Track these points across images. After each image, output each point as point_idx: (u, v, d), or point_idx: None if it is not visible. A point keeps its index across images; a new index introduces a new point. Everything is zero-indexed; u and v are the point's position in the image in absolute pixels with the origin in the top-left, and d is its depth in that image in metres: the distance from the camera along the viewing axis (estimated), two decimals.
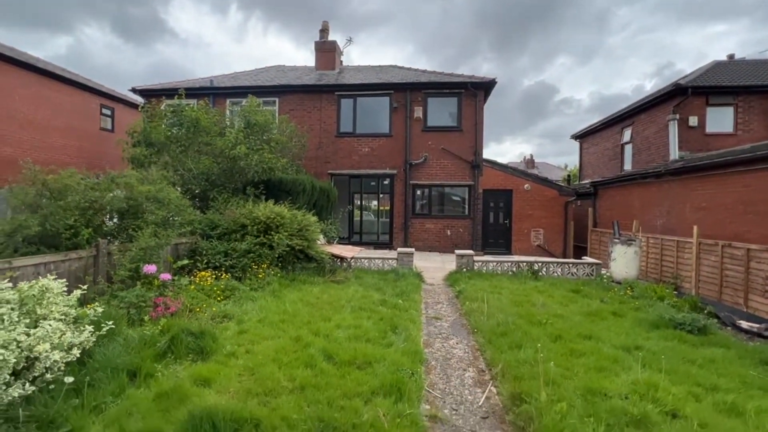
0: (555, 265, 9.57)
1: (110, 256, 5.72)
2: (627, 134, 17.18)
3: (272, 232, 8.22)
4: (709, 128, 13.33)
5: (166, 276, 5.60)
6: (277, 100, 15.47)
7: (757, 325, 5.92)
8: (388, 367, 3.86)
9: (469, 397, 3.66)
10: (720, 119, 13.42)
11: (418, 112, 14.65)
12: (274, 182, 9.72)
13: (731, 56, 16.46)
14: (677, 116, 12.06)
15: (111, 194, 5.78)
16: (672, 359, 4.21)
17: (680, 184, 9.86)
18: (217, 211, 8.79)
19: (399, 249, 9.93)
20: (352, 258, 9.74)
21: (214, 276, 6.94)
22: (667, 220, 10.24)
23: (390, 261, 9.81)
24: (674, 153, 11.58)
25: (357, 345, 4.44)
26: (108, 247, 5.65)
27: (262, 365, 3.82)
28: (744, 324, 6.04)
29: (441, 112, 14.85)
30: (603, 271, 9.58)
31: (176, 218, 6.80)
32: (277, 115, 14.67)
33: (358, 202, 15.22)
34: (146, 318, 4.72)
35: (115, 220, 6.16)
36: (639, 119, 16.10)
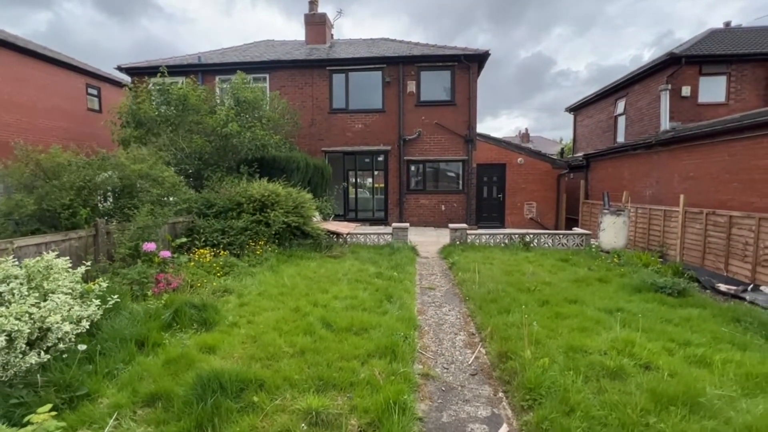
0: (546, 236, 9.82)
1: (109, 236, 5.83)
2: (621, 106, 17.15)
3: (268, 210, 8.33)
4: (702, 98, 13.36)
5: (166, 253, 5.74)
6: (267, 76, 15.20)
7: (734, 287, 6.22)
8: (383, 332, 4.08)
9: (459, 357, 3.90)
10: (713, 89, 13.44)
11: (411, 87, 14.51)
12: (267, 160, 9.73)
13: (728, 24, 16.26)
14: (669, 86, 12.07)
15: (105, 174, 5.82)
16: (650, 319, 4.47)
17: (669, 154, 10.01)
18: (212, 189, 8.85)
19: (394, 224, 10.11)
20: (347, 234, 9.91)
21: (212, 253, 7.08)
22: (656, 191, 10.45)
23: (385, 236, 10.00)
24: (665, 123, 11.66)
25: (353, 314, 4.65)
26: (107, 226, 5.75)
27: (263, 333, 4.03)
28: (722, 287, 6.34)
29: (434, 86, 14.70)
30: (592, 242, 9.86)
31: (171, 198, 6.87)
32: (268, 91, 14.45)
33: (353, 179, 15.27)
34: (149, 293, 4.88)
35: (110, 200, 6.23)
36: (633, 90, 16.05)
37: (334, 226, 10.15)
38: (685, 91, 13.32)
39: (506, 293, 5.54)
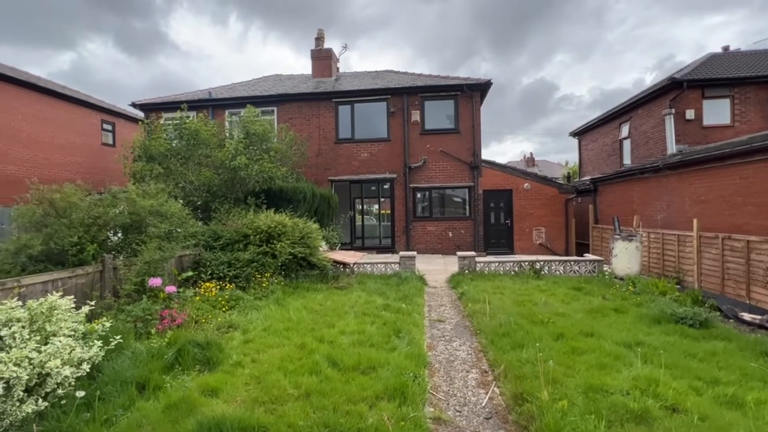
0: (557, 263, 9.61)
1: (116, 271, 5.81)
2: (625, 130, 17.23)
3: (274, 241, 8.31)
4: (707, 120, 13.37)
5: (171, 288, 5.69)
6: (275, 109, 15.63)
7: (759, 317, 5.94)
8: (392, 371, 3.92)
9: (473, 398, 3.71)
10: (717, 111, 13.47)
11: (416, 116, 14.77)
12: (274, 191, 9.82)
13: (726, 48, 16.49)
14: (673, 110, 12.11)
15: (115, 210, 5.89)
16: (673, 354, 4.25)
17: (678, 178, 9.89)
18: (219, 222, 8.89)
19: (401, 253, 10.00)
20: (354, 263, 9.81)
21: (218, 287, 7.02)
22: (667, 215, 10.26)
23: (392, 265, 9.88)
24: (671, 147, 11.62)
25: (361, 350, 4.50)
26: (113, 262, 5.74)
27: (267, 373, 3.89)
28: (746, 316, 6.06)
29: (438, 114, 14.96)
30: (605, 268, 9.61)
31: (179, 231, 6.90)
32: (276, 124, 14.82)
33: (360, 207, 15.31)
34: (153, 331, 4.79)
35: (119, 235, 6.26)
36: (636, 114, 16.16)
37: (341, 255, 10.07)
38: (690, 114, 13.36)
39: (519, 326, 5.34)
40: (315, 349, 4.51)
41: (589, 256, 9.97)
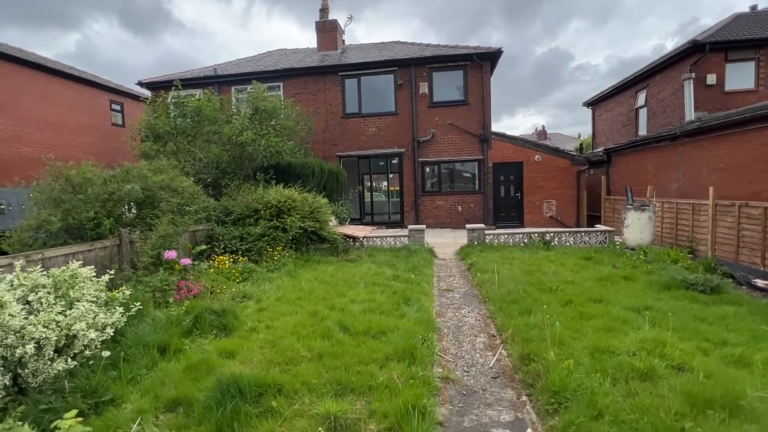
0: (567, 234, 9.55)
1: (132, 245, 5.99)
2: (641, 98, 16.65)
3: (284, 216, 8.41)
4: (729, 86, 12.81)
5: (186, 261, 5.85)
6: (281, 84, 15.45)
7: None
8: (401, 335, 4.03)
9: (480, 360, 3.81)
10: (740, 75, 12.87)
11: (424, 88, 14.46)
12: (283, 167, 9.85)
13: (753, 7, 15.55)
14: (693, 75, 11.58)
15: (128, 186, 6.00)
16: (682, 318, 4.26)
17: (696, 145, 9.60)
18: (229, 197, 9.01)
19: (410, 226, 10.04)
20: (364, 237, 9.90)
21: (231, 260, 7.19)
22: (683, 184, 10.03)
23: (402, 238, 9.94)
24: (690, 114, 11.21)
25: (371, 317, 4.61)
26: (130, 236, 5.91)
27: (281, 338, 4.03)
28: (760, 282, 6.00)
29: (447, 86, 14.61)
30: (616, 238, 9.53)
31: (191, 206, 7.02)
32: (282, 99, 14.68)
33: (368, 183, 15.29)
34: (170, 300, 4.98)
35: (134, 210, 6.41)
36: (654, 81, 15.56)
37: (350, 230, 10.16)
38: (711, 79, 12.81)
39: (527, 294, 5.39)
40: (326, 316, 4.64)
41: (599, 227, 9.88)
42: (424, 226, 10.01)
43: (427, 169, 14.83)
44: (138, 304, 3.94)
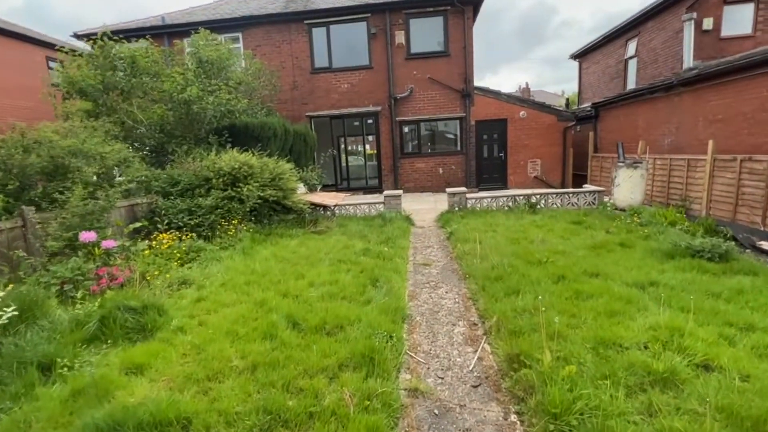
0: (554, 196, 8.85)
1: (44, 226, 4.93)
2: (632, 47, 15.64)
3: (240, 184, 7.36)
4: (725, 31, 11.88)
5: (109, 243, 4.85)
6: (240, 35, 13.72)
7: None
8: (362, 330, 3.26)
9: (459, 359, 3.09)
10: (737, 20, 11.93)
11: (400, 37, 13.02)
12: (239, 128, 8.63)
13: None
14: (694, 15, 10.56)
15: (28, 154, 4.83)
16: (694, 294, 3.61)
17: (693, 95, 8.81)
18: (178, 165, 7.85)
19: (385, 192, 9.15)
20: (335, 206, 8.99)
21: (176, 237, 6.22)
22: (676, 138, 9.35)
23: (377, 205, 9.08)
24: (689, 61, 10.32)
25: (330, 305, 3.83)
26: (37, 215, 4.83)
27: (211, 341, 3.21)
28: (765, 244, 5.46)
29: (426, 35, 13.19)
30: (606, 199, 8.91)
31: (122, 177, 5.91)
32: (242, 52, 13.01)
33: (343, 146, 14.13)
34: (79, 294, 4.04)
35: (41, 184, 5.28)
36: (646, 28, 14.50)
37: (319, 197, 9.21)
38: (707, 23, 11.86)
39: (513, 268, 4.68)
40: (275, 307, 3.82)
41: (588, 187, 9.21)
42: (400, 191, 9.14)
43: (406, 129, 13.73)
44: (11, 309, 3.00)
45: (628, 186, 8.39)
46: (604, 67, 18.00)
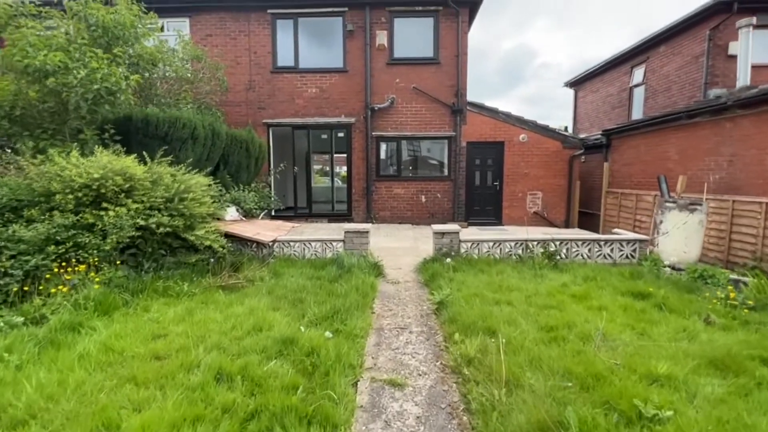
0: (580, 243, 6.40)
1: None
2: (638, 74, 14.11)
3: (108, 205, 4.57)
4: (755, 58, 10.25)
5: None
6: (188, 21, 11.18)
7: None
8: None
9: None
10: (764, 45, 10.45)
11: (382, 38, 10.80)
12: (137, 122, 5.83)
13: None
14: (753, 20, 8.71)
15: None
16: None
17: (758, 120, 6.77)
18: (18, 169, 4.99)
19: (346, 226, 6.49)
20: (273, 242, 6.25)
21: None
22: (729, 174, 7.24)
23: (335, 244, 6.40)
24: (744, 79, 8.39)
25: None
26: None
27: None
28: None
29: (412, 38, 11.03)
30: (648, 250, 6.54)
31: None
32: (189, 41, 10.40)
33: (304, 162, 11.53)
34: None
35: None
36: (656, 53, 12.99)
37: (251, 229, 6.45)
38: (733, 48, 10.31)
39: (586, 426, 2.07)
40: None
41: (622, 233, 6.85)
42: (368, 226, 6.51)
43: (384, 147, 11.30)
44: None
45: (680, 235, 6.08)
46: (605, 96, 16.48)
